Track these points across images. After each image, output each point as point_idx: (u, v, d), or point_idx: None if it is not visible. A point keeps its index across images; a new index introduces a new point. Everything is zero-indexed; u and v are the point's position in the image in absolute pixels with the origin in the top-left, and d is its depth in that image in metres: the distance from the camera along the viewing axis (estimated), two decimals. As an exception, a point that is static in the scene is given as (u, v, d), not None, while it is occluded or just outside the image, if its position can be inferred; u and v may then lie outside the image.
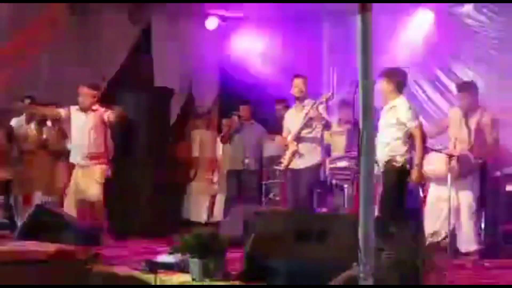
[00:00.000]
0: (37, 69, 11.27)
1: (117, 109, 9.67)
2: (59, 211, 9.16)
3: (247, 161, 10.98)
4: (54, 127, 10.65)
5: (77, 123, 9.65)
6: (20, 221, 9.58)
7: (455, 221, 8.41)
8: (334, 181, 10.60)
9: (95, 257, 7.08)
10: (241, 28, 12.89)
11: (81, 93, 9.56)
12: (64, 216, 8.92)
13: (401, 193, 7.93)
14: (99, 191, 9.52)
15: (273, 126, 10.65)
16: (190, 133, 12.63)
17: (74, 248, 7.16)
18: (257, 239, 6.22)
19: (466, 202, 8.43)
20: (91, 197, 9.43)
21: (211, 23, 12.95)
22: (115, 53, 12.06)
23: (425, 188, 8.93)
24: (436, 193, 8.65)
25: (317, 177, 9.65)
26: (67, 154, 10.02)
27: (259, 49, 12.92)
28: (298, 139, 9.13)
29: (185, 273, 6.22)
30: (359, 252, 4.68)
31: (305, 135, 9.11)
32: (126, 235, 9.84)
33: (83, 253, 7.01)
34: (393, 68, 8.31)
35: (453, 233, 8.36)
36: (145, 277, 6.33)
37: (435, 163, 8.36)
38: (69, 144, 10.42)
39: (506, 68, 10.41)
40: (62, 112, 9.71)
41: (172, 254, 6.52)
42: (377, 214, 8.51)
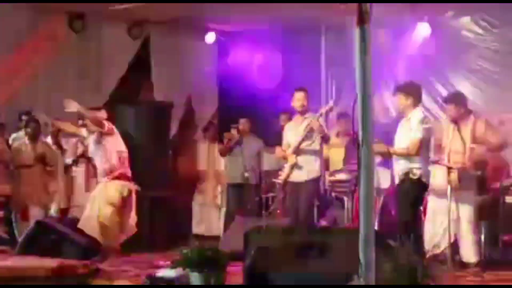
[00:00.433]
0: (36, 83, 11.30)
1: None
2: (59, 226, 9.14)
3: (246, 174, 10.96)
4: (52, 141, 10.66)
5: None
6: (19, 237, 9.58)
7: (455, 233, 8.41)
8: (333, 194, 10.61)
9: (96, 271, 7.08)
10: (240, 41, 12.90)
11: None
12: (64, 231, 8.92)
13: (417, 205, 8.03)
14: (109, 211, 9.26)
15: (273, 139, 10.65)
16: (191, 146, 12.65)
17: (74, 263, 7.16)
18: (257, 253, 6.22)
19: (465, 214, 8.44)
20: (99, 217, 9.27)
21: (210, 37, 12.98)
22: (115, 67, 12.08)
23: (425, 200, 8.92)
24: (435, 206, 8.66)
25: (317, 190, 9.65)
26: (65, 168, 10.02)
27: (258, 63, 12.94)
28: (297, 151, 9.13)
29: None
30: (360, 265, 4.68)
31: (304, 147, 9.11)
32: (127, 249, 9.82)
33: (83, 267, 7.01)
34: (409, 82, 8.47)
35: (453, 245, 8.36)
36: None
37: (434, 176, 8.36)
38: (67, 158, 10.45)
39: (503, 79, 10.44)
40: (84, 132, 9.55)
41: (173, 268, 6.51)
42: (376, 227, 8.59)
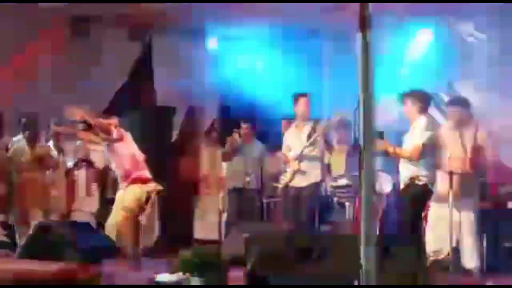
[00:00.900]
0: (38, 89, 11.31)
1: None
2: (60, 229, 9.12)
3: (248, 179, 10.97)
4: (53, 144, 10.67)
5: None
6: (20, 240, 9.57)
7: (457, 239, 8.40)
8: (335, 199, 10.61)
9: (98, 275, 7.06)
10: (241, 46, 12.91)
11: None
12: (65, 234, 8.90)
13: (420, 211, 8.06)
14: (123, 216, 9.20)
15: (274, 144, 10.65)
16: (194, 150, 12.65)
17: (76, 266, 7.14)
18: (258, 257, 6.22)
19: (467, 220, 8.44)
20: (116, 222, 9.25)
21: (212, 42, 12.99)
22: (116, 72, 12.09)
23: (427, 206, 8.91)
24: (437, 211, 8.65)
25: (318, 195, 9.66)
26: (66, 171, 10.01)
27: (260, 68, 12.94)
28: (300, 157, 9.14)
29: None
30: (361, 270, 4.67)
31: (307, 153, 9.12)
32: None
33: (85, 271, 6.99)
34: (417, 89, 8.47)
35: (455, 250, 8.36)
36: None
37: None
38: (68, 162, 10.46)
39: (506, 85, 10.44)
40: (114, 132, 9.34)
41: (173, 273, 6.50)
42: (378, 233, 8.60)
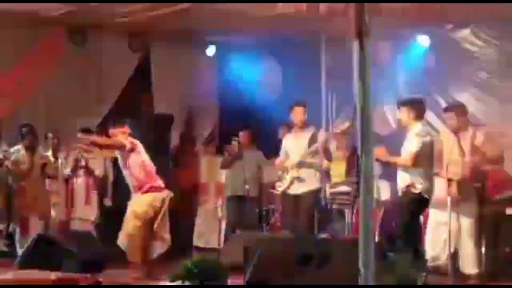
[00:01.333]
0: (37, 97, 11.33)
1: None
2: (60, 239, 9.13)
3: (247, 187, 10.99)
4: (52, 154, 10.68)
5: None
6: (20, 249, 9.58)
7: (456, 245, 8.41)
8: (334, 206, 10.62)
9: (97, 285, 7.07)
10: (240, 54, 12.93)
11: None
12: (64, 244, 8.91)
13: (416, 219, 8.08)
14: (133, 225, 9.11)
15: (274, 151, 10.67)
16: (193, 158, 12.67)
17: (74, 276, 7.15)
18: (257, 265, 6.23)
19: (466, 226, 8.45)
20: (127, 232, 9.25)
21: (210, 50, 13.01)
22: (115, 80, 12.11)
23: (425, 212, 8.93)
24: (436, 218, 8.67)
25: (317, 202, 9.68)
26: (65, 180, 10.02)
27: (258, 75, 12.95)
28: (298, 164, 9.17)
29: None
30: (359, 276, 4.68)
31: (305, 160, 9.16)
32: (127, 262, 9.82)
33: (83, 281, 7.00)
34: (413, 97, 8.51)
35: (454, 256, 8.37)
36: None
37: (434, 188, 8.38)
38: (67, 170, 10.49)
39: (503, 91, 10.45)
40: (126, 142, 9.22)
41: (173, 281, 6.50)
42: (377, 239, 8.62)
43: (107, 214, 11.03)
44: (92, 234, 10.24)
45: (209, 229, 12.19)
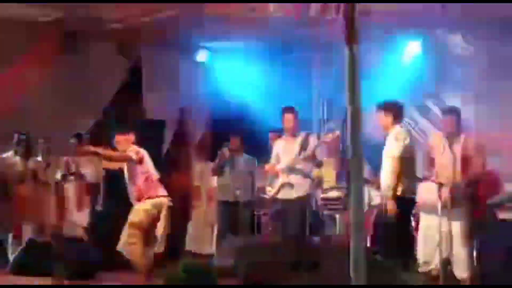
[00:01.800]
0: (28, 102, 11.31)
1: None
2: (52, 245, 9.13)
3: (238, 192, 10.99)
4: (43, 159, 10.66)
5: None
6: (12, 255, 9.56)
7: (447, 249, 8.41)
8: (325, 211, 10.62)
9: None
10: (230, 59, 12.93)
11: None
12: (56, 250, 8.90)
13: (404, 222, 8.10)
14: (129, 232, 9.12)
15: (264, 156, 10.67)
16: (185, 164, 12.67)
17: (66, 282, 7.15)
18: (248, 270, 6.23)
19: (457, 230, 8.44)
20: (126, 239, 9.25)
21: (201, 55, 13.01)
22: (106, 86, 12.10)
23: (417, 217, 8.94)
24: (427, 222, 8.66)
25: (308, 207, 9.68)
26: (55, 185, 10.02)
27: (249, 80, 12.96)
28: (289, 170, 9.18)
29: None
30: (350, 282, 4.68)
31: (295, 166, 9.17)
32: (119, 267, 9.81)
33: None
34: (391, 100, 8.50)
35: (446, 261, 8.36)
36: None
37: (425, 192, 8.39)
38: (58, 175, 10.48)
39: (493, 96, 10.47)
40: (133, 155, 9.32)
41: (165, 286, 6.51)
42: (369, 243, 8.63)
43: (98, 219, 11.01)
44: (83, 239, 10.24)
45: (200, 234, 12.18)
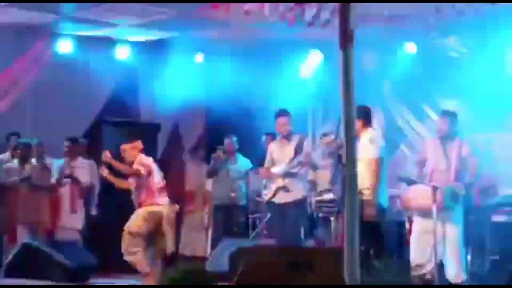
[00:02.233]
0: (23, 106, 11.31)
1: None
2: (46, 248, 9.10)
3: (233, 195, 10.99)
4: (38, 163, 10.65)
5: None
6: (5, 259, 9.55)
7: (441, 253, 8.41)
8: (320, 214, 10.61)
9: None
10: (227, 61, 12.92)
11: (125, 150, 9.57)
12: (51, 253, 8.88)
13: (374, 227, 8.09)
14: (125, 241, 9.38)
15: (260, 159, 10.68)
16: (179, 167, 12.66)
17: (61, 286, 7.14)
18: (244, 274, 6.23)
19: (452, 233, 8.44)
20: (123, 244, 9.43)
21: (198, 57, 13.01)
22: (102, 88, 12.10)
23: (410, 220, 8.95)
24: (421, 225, 8.64)
25: (303, 210, 9.68)
26: (50, 188, 10.07)
27: (243, 82, 12.94)
28: (284, 173, 9.18)
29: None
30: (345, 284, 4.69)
31: (291, 170, 9.18)
32: (114, 271, 9.81)
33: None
34: (361, 105, 8.43)
35: (440, 264, 8.37)
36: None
37: (419, 195, 8.39)
38: (53, 179, 10.50)
39: (488, 99, 10.47)
40: (142, 170, 9.51)
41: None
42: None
43: (93, 223, 11.01)
44: (78, 242, 10.23)
45: (195, 237, 12.17)
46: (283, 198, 9.21)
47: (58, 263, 8.63)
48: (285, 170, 9.23)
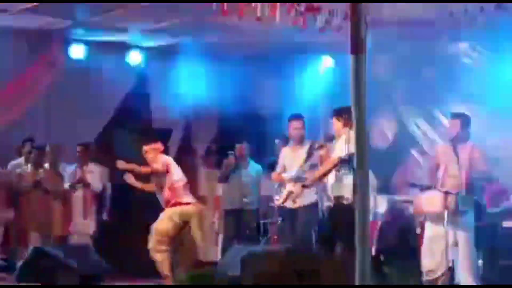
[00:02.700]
0: (37, 110, 11.35)
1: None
2: (58, 253, 9.12)
3: (245, 200, 11.00)
4: (50, 168, 10.69)
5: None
6: (18, 263, 9.58)
7: (452, 258, 8.39)
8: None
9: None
10: (239, 66, 12.94)
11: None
12: (62, 258, 8.90)
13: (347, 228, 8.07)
14: (156, 240, 9.41)
15: (271, 164, 10.68)
16: (191, 172, 12.68)
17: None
18: (255, 279, 6.24)
19: (463, 239, 8.41)
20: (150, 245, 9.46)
21: (209, 63, 13.03)
22: (114, 93, 12.13)
23: (422, 225, 8.92)
24: (433, 231, 8.62)
25: (315, 216, 9.66)
26: (63, 194, 10.09)
27: (257, 87, 12.96)
28: (295, 179, 9.18)
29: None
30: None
31: (301, 174, 9.17)
32: (126, 276, 9.83)
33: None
34: (342, 107, 8.42)
35: (451, 270, 8.34)
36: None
37: (431, 201, 8.37)
38: (66, 184, 10.53)
39: (500, 104, 10.44)
40: (159, 167, 9.54)
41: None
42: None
43: (105, 228, 11.04)
44: (90, 247, 10.25)
45: (206, 242, 12.17)
46: (295, 202, 9.20)
47: (69, 268, 8.65)
48: (296, 175, 9.21)
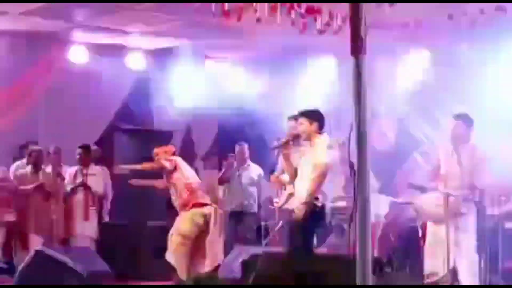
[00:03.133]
0: (37, 112, 11.37)
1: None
2: (59, 255, 9.12)
3: (245, 202, 10.99)
4: (52, 170, 10.68)
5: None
6: (18, 266, 9.58)
7: (454, 260, 8.38)
8: (334, 221, 10.59)
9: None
10: (239, 68, 12.94)
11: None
12: (63, 260, 8.90)
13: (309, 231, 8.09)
14: (177, 242, 9.31)
15: (272, 166, 10.67)
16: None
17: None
18: (256, 281, 6.23)
19: (465, 241, 8.41)
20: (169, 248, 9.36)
21: (209, 65, 13.04)
22: (115, 96, 12.15)
23: (424, 226, 8.92)
24: (434, 233, 8.62)
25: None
26: (64, 196, 10.09)
27: (257, 89, 12.96)
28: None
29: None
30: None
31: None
32: (127, 278, 9.82)
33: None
34: (313, 109, 8.37)
35: (453, 271, 8.34)
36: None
37: (432, 203, 8.36)
38: (67, 187, 10.52)
39: (501, 106, 10.43)
40: (166, 163, 9.47)
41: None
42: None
43: (106, 230, 11.03)
44: (91, 250, 10.25)
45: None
46: (294, 205, 9.18)
47: (71, 270, 8.64)
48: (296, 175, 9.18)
